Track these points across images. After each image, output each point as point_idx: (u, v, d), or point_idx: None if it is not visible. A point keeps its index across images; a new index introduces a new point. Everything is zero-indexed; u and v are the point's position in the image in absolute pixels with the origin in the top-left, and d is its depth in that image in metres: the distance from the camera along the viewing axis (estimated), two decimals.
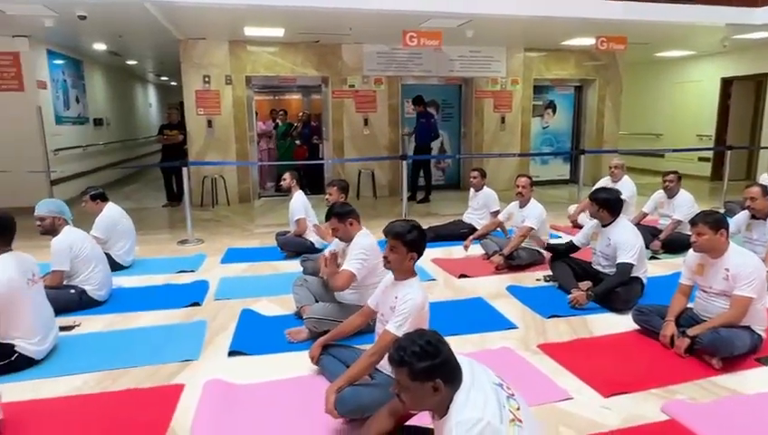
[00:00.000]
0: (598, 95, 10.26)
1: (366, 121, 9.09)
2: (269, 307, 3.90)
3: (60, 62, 8.88)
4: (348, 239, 3.27)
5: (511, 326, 3.56)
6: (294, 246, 5.22)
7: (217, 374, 2.85)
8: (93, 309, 3.83)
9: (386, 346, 2.28)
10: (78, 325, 3.56)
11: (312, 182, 9.28)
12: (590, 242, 4.13)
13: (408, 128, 9.13)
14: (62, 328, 3.36)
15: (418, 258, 2.53)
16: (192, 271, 4.83)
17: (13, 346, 2.85)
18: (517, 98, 9.78)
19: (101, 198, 4.82)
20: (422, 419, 1.93)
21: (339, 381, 2.37)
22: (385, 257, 2.51)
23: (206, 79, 8.33)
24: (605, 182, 6.04)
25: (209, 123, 8.45)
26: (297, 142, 9.66)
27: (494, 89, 9.61)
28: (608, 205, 3.89)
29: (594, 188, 4.41)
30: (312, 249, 5.18)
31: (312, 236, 5.25)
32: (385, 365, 2.45)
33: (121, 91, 12.95)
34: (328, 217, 3.34)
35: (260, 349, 3.17)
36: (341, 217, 3.25)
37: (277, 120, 9.93)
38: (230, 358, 3.10)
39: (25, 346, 2.89)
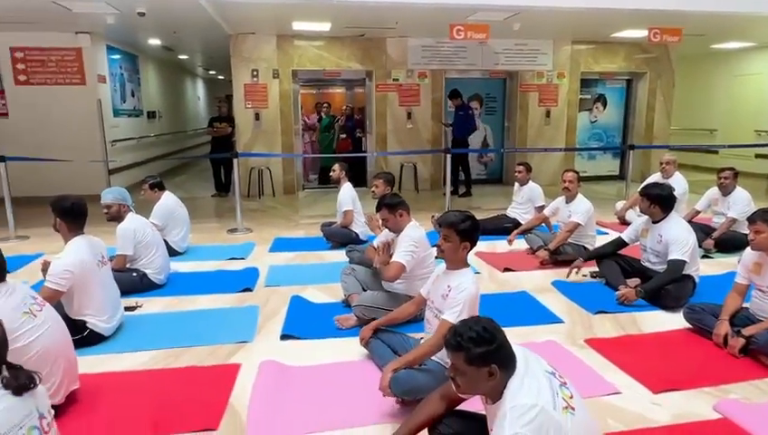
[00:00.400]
0: (648, 89, 9.96)
1: (409, 115, 9.14)
2: (317, 295, 4.02)
3: (117, 57, 9.30)
4: (397, 230, 3.34)
5: (557, 320, 3.56)
6: (340, 237, 5.34)
7: (271, 356, 2.99)
8: (153, 291, 4.05)
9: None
10: (140, 306, 3.78)
11: (355, 175, 9.38)
12: (640, 238, 4.06)
13: (447, 120, 9.13)
14: (126, 308, 3.57)
15: (471, 248, 2.57)
16: (242, 258, 5.02)
17: (84, 322, 3.07)
18: (563, 92, 9.60)
19: (159, 187, 5.07)
20: (472, 404, 1.98)
21: (396, 362, 2.45)
22: (438, 247, 2.57)
23: (255, 73, 8.55)
24: (656, 178, 5.90)
25: (257, 116, 8.68)
26: (342, 136, 9.79)
27: (540, 82, 9.47)
28: (660, 200, 3.81)
29: (645, 183, 4.32)
30: (356, 240, 5.29)
31: (357, 228, 5.36)
32: (439, 353, 2.52)
33: (172, 84, 13.42)
34: (378, 209, 3.42)
35: (310, 334, 3.29)
36: (392, 208, 3.32)
37: (321, 113, 10.08)
38: (282, 341, 3.23)
39: (96, 323, 3.10)
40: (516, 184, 6.02)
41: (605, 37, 9.03)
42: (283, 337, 3.26)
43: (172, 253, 4.82)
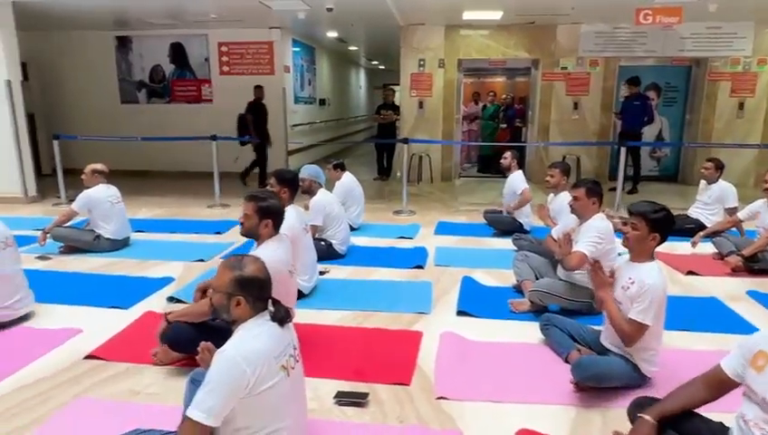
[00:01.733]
0: None
1: (576, 105, 8.76)
2: (485, 278, 4.15)
3: (298, 49, 10.29)
4: (583, 216, 3.30)
5: (753, 330, 3.25)
6: (504, 225, 5.40)
7: (449, 328, 3.20)
8: (336, 260, 4.53)
9: (635, 332, 2.35)
10: (328, 272, 4.25)
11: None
12: None
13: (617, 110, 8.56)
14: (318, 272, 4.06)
15: (661, 242, 2.49)
16: (410, 238, 5.35)
17: None
18: (763, 81, 8.42)
19: (341, 167, 5.59)
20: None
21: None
22: (625, 235, 2.52)
23: (421, 62, 8.86)
24: None
25: (420, 104, 9.01)
26: (502, 125, 9.73)
27: (734, 70, 8.41)
28: None
29: None
30: (521, 229, 5.30)
31: (522, 217, 5.37)
32: (619, 344, 2.51)
33: (340, 74, 14.43)
34: (576, 187, 3.32)
35: (484, 313, 3.44)
36: (591, 192, 3.27)
37: (486, 103, 10.11)
38: (458, 317, 3.42)
39: (299, 282, 3.58)
40: (702, 182, 5.50)
41: None
42: (459, 313, 3.45)
43: (349, 228, 5.30)
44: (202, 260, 4.56)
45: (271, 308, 1.90)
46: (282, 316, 1.88)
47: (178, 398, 2.43)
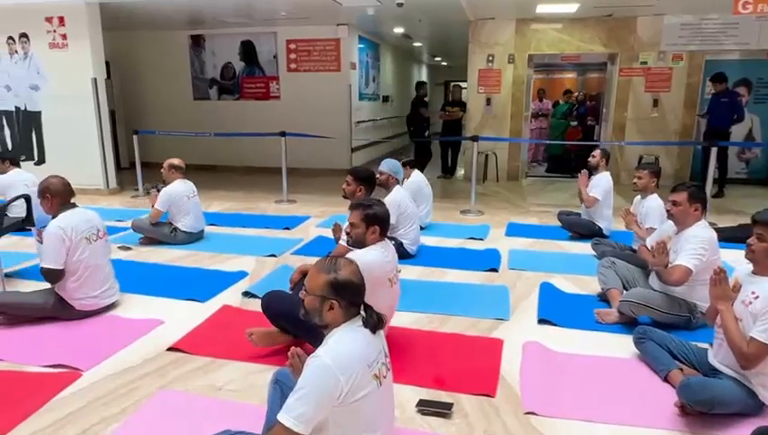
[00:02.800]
0: None
1: (655, 102, 8.24)
2: (564, 284, 3.93)
3: (363, 46, 10.27)
4: (681, 223, 3.05)
5: None
6: (582, 228, 5.13)
7: (531, 337, 3.03)
8: (407, 260, 4.42)
9: (758, 353, 2.12)
10: (400, 271, 4.16)
11: (583, 165, 8.89)
12: None
13: (703, 108, 7.97)
14: None
15: None
16: (481, 239, 5.18)
17: None
18: None
19: (412, 165, 5.50)
20: None
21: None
22: (749, 245, 2.28)
23: (490, 58, 8.62)
24: None
25: (488, 101, 8.77)
26: (573, 123, 9.32)
27: None
28: None
29: None
30: (599, 233, 5.02)
31: (602, 221, 5.07)
32: (733, 365, 2.27)
33: (402, 71, 14.34)
34: (674, 190, 3.10)
35: (567, 322, 3.24)
36: (694, 198, 3.02)
37: (558, 100, 9.73)
38: (540, 325, 3.24)
39: None
40: None
41: None
42: (540, 321, 3.27)
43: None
44: (273, 255, 4.60)
45: (363, 314, 1.83)
46: (374, 322, 1.80)
47: (259, 397, 2.43)
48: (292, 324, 2.72)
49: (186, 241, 4.95)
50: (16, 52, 7.25)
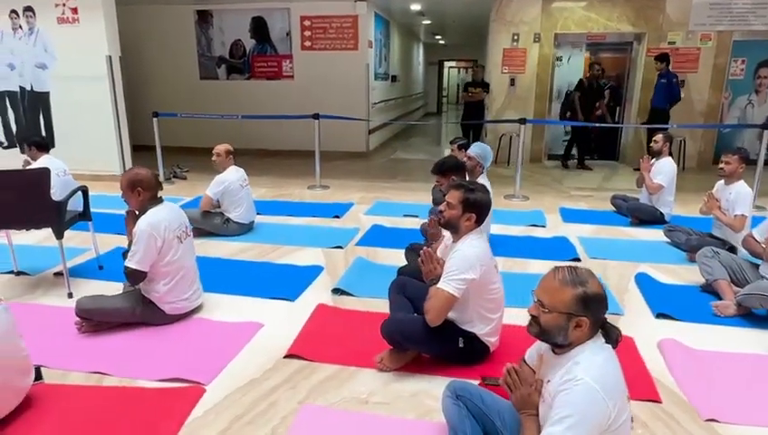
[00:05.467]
0: None
1: (682, 83, 8.17)
2: (655, 274, 3.82)
3: (377, 23, 9.90)
4: None
5: None
6: (645, 214, 5.04)
7: (657, 334, 2.90)
8: None
9: None
10: None
11: (605, 148, 8.86)
12: None
13: (729, 92, 7.97)
14: None
15: None
16: (543, 226, 5.04)
17: None
18: None
19: (466, 147, 5.26)
20: None
21: None
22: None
23: (515, 37, 8.40)
24: None
25: (512, 81, 8.58)
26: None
27: None
28: None
29: None
30: (662, 219, 4.95)
31: (664, 207, 4.99)
32: None
33: (406, 49, 14.00)
34: None
35: (686, 316, 3.13)
36: None
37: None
38: (658, 319, 3.12)
39: None
40: None
41: None
42: (659, 315, 3.15)
43: None
44: (340, 247, 4.36)
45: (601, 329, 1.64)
46: (616, 337, 1.63)
47: (413, 409, 2.26)
48: (425, 347, 2.54)
49: (237, 232, 4.66)
50: (20, 27, 6.68)
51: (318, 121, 6.77)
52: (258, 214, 5.24)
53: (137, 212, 2.94)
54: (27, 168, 4.78)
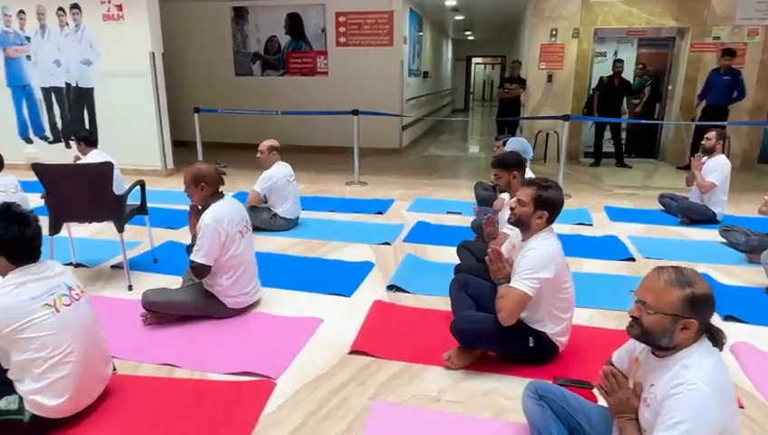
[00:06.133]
0: None
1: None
2: (714, 275, 3.72)
3: (412, 19, 9.85)
4: None
5: None
6: (697, 213, 4.91)
7: (728, 336, 2.81)
8: None
9: None
10: None
11: (643, 146, 8.70)
12: None
13: None
14: None
15: None
16: (590, 224, 4.95)
17: None
18: None
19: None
20: None
21: None
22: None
23: (554, 32, 8.27)
24: None
25: (549, 78, 8.45)
26: (634, 101, 8.98)
27: None
28: None
29: None
30: (714, 219, 4.83)
31: (716, 206, 4.87)
32: None
33: (436, 45, 13.90)
34: None
35: (754, 318, 3.04)
36: None
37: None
38: (726, 322, 3.03)
39: None
40: None
41: None
42: (727, 318, 3.06)
43: None
44: (387, 243, 4.35)
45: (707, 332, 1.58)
46: (722, 340, 1.58)
47: (487, 408, 2.24)
48: (495, 345, 2.51)
49: (284, 227, 4.69)
50: (67, 24, 6.82)
51: (357, 118, 6.76)
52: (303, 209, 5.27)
53: (199, 207, 2.96)
54: (79, 162, 4.91)
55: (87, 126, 7.11)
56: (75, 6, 6.73)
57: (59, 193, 3.21)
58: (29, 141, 7.36)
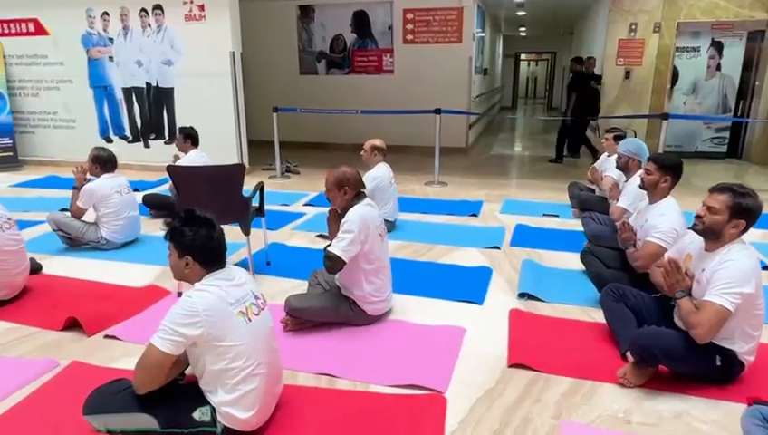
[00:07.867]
0: None
1: None
2: None
3: (478, 15, 9.65)
4: None
5: None
6: None
7: None
8: None
9: None
10: None
11: (730, 143, 8.28)
12: None
13: None
14: None
15: None
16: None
17: None
18: None
19: (619, 139, 4.96)
20: None
21: None
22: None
23: (633, 27, 7.96)
24: None
25: (627, 74, 8.15)
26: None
27: None
28: None
29: None
30: None
31: None
32: None
33: (492, 41, 13.65)
34: None
35: None
36: None
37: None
38: None
39: None
40: None
41: None
42: None
43: None
44: (497, 247, 4.21)
45: None
46: None
47: (683, 433, 2.06)
48: (679, 363, 2.34)
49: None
50: (149, 25, 6.89)
51: (439, 117, 6.63)
52: None
53: (339, 211, 2.89)
54: (177, 162, 4.93)
55: (166, 125, 7.18)
56: (158, 7, 6.79)
57: (193, 195, 3.18)
58: (109, 141, 7.47)
